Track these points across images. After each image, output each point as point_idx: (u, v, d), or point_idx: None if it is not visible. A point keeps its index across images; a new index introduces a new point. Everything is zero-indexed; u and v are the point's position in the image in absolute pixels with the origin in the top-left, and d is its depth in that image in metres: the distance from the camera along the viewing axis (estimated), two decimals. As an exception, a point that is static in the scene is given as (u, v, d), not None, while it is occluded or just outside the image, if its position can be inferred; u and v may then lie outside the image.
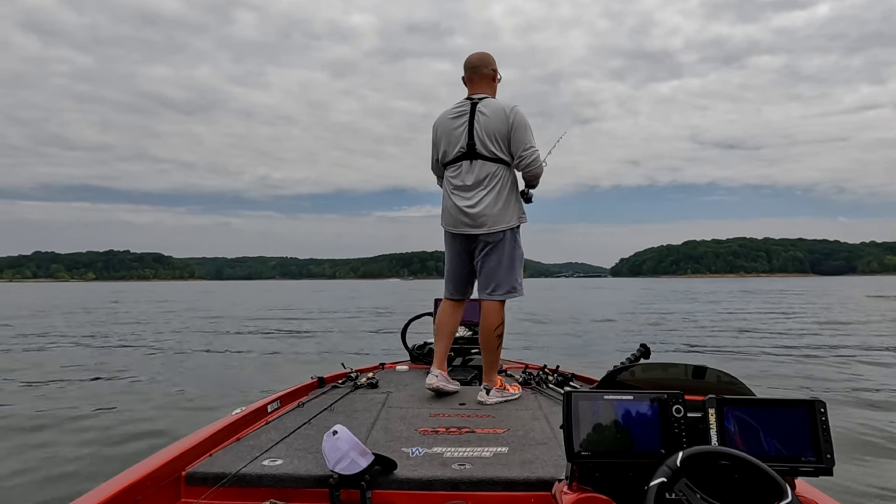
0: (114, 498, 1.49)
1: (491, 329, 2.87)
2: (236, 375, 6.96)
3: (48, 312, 20.40)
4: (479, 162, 2.84)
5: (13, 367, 7.45)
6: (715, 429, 1.34)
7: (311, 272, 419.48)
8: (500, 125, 2.80)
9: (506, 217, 2.85)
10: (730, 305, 23.26)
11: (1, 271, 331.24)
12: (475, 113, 2.84)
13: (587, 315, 18.05)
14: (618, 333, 12.37)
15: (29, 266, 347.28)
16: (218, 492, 1.69)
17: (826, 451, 1.31)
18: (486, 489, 1.68)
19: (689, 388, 1.46)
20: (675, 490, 1.18)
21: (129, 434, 4.06)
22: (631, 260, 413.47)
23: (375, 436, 2.19)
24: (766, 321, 15.05)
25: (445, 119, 2.95)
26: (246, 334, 12.07)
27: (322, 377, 3.21)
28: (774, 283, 74.72)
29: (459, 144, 2.87)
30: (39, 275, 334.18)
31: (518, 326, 12.83)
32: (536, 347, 9.51)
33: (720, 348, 9.51)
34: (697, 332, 12.33)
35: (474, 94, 2.94)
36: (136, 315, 18.60)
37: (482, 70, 2.95)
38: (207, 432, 2.03)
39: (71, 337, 11.44)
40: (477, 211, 2.83)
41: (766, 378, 6.58)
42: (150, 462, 1.71)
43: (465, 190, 2.87)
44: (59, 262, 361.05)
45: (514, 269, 2.89)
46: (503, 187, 2.85)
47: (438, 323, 3.06)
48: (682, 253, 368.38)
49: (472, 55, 2.99)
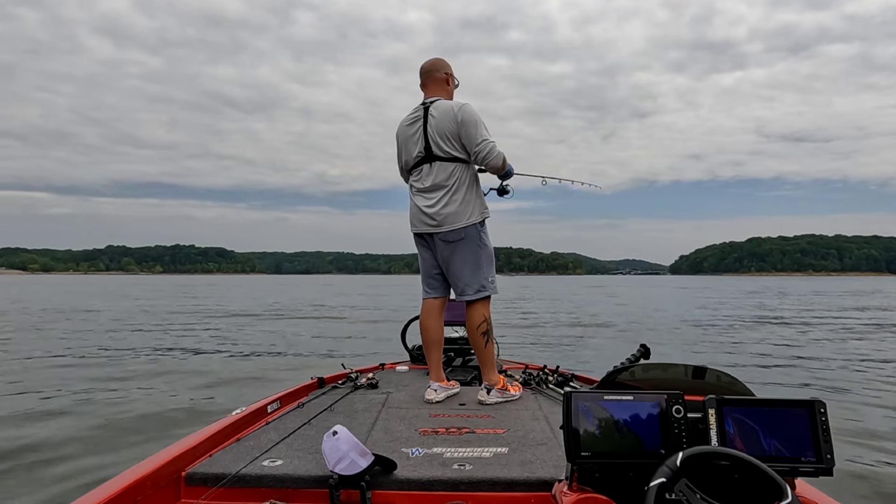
0: (114, 498, 1.49)
1: (474, 328, 2.87)
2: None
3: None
4: (437, 164, 2.88)
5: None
6: (715, 429, 1.35)
7: (366, 267, 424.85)
8: (450, 124, 2.83)
9: (465, 214, 2.86)
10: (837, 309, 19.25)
11: (77, 264, 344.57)
12: (427, 116, 2.89)
13: (656, 319, 15.13)
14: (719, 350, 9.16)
15: (102, 259, 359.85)
16: (218, 492, 1.69)
17: (826, 452, 1.31)
18: (486, 489, 1.68)
19: (688, 388, 1.46)
20: (675, 490, 1.18)
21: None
22: (691, 257, 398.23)
23: (375, 436, 2.19)
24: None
25: (403, 126, 3.01)
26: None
27: (322, 377, 3.22)
28: (850, 283, 68.24)
29: (417, 149, 2.92)
30: (112, 267, 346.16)
31: (556, 331, 12.03)
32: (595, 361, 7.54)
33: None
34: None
35: (428, 98, 2.98)
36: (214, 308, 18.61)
37: (434, 74, 3.00)
38: (207, 433, 2.03)
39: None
40: (435, 210, 2.86)
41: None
42: (150, 462, 1.71)
43: (426, 192, 2.91)
44: (130, 255, 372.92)
45: (480, 267, 2.88)
46: (461, 185, 2.87)
47: (423, 329, 3.02)
48: (746, 250, 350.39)
49: (426, 62, 3.05)
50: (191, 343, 9.94)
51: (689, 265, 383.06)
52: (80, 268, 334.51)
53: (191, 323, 13.78)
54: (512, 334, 11.35)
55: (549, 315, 16.90)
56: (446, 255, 2.90)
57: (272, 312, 17.21)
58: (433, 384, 2.88)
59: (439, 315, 3.04)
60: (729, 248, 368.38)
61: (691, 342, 10.24)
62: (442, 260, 2.94)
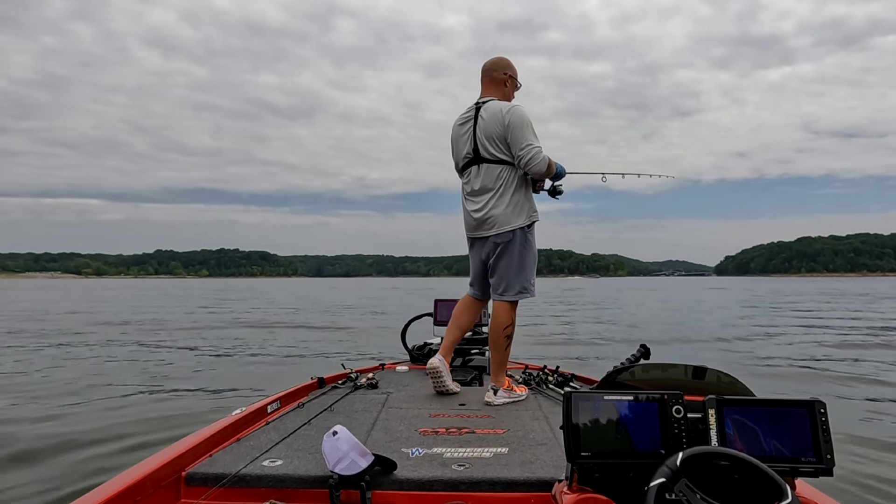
0: (114, 498, 1.49)
1: (500, 328, 2.88)
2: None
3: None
4: (484, 166, 2.87)
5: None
6: (715, 429, 1.34)
7: (406, 270, 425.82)
8: (497, 126, 2.81)
9: (514, 217, 2.86)
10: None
11: (128, 268, 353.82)
12: (477, 117, 2.87)
13: (710, 329, 12.73)
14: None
15: (151, 263, 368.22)
16: (218, 492, 1.69)
17: (826, 452, 1.31)
18: (486, 490, 1.68)
19: (688, 388, 1.46)
20: (675, 490, 1.18)
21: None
22: (738, 258, 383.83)
23: (375, 436, 2.19)
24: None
25: (455, 126, 3.00)
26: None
27: (322, 378, 3.22)
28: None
29: (466, 150, 2.92)
30: (160, 271, 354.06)
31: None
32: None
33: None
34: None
35: (483, 98, 2.96)
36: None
37: (492, 74, 2.97)
38: (207, 433, 2.03)
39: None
40: (484, 214, 2.86)
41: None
42: (150, 462, 1.71)
43: (474, 195, 2.91)
44: (178, 259, 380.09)
45: (524, 269, 2.89)
46: (508, 188, 2.86)
47: (457, 314, 3.09)
48: (796, 250, 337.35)
49: (488, 60, 3.02)
50: (190, 343, 9.94)
51: (736, 266, 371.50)
52: (131, 272, 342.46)
53: (200, 329, 13.77)
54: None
55: (562, 319, 16.44)
56: (493, 257, 2.91)
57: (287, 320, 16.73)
58: (438, 355, 2.93)
59: (475, 312, 3.13)
60: (777, 248, 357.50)
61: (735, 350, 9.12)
62: (488, 261, 2.95)
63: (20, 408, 4.95)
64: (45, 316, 17.38)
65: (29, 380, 6.43)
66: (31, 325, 13.72)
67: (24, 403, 5.12)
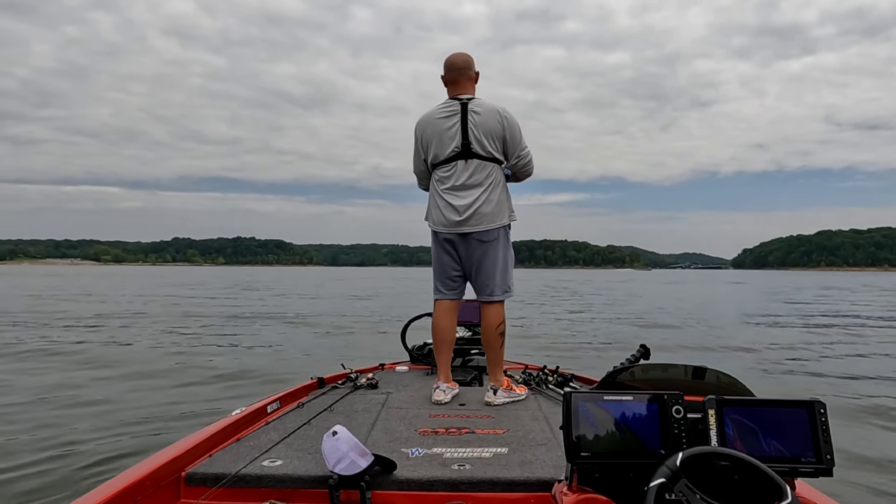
0: (114, 498, 1.49)
1: (493, 327, 2.89)
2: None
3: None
4: (474, 161, 2.86)
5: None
6: (714, 429, 1.35)
7: (420, 259, 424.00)
8: (496, 125, 2.84)
9: (499, 215, 2.88)
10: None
11: (146, 255, 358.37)
12: (468, 113, 2.86)
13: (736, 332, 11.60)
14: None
15: (168, 251, 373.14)
16: (218, 492, 1.69)
17: (826, 452, 1.31)
18: (486, 490, 1.68)
19: (688, 388, 1.46)
20: (675, 491, 1.18)
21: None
22: (756, 251, 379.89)
23: (375, 436, 2.19)
24: None
25: (433, 119, 2.94)
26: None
27: (322, 378, 3.21)
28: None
29: (454, 144, 2.88)
30: (178, 259, 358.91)
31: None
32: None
33: None
34: None
35: (459, 94, 2.95)
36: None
37: (467, 72, 2.97)
38: (207, 433, 2.03)
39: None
40: (473, 210, 2.85)
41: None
42: (150, 462, 1.71)
43: (460, 189, 2.88)
44: (195, 247, 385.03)
45: (507, 269, 2.92)
46: (496, 186, 2.89)
47: (437, 329, 3.00)
48: (815, 243, 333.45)
49: (457, 57, 2.98)
50: (191, 343, 9.93)
51: (754, 259, 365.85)
52: (149, 259, 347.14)
53: (201, 323, 13.77)
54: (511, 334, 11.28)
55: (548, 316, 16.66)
56: (477, 256, 2.89)
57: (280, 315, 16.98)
58: (441, 384, 2.86)
59: (454, 316, 3.05)
60: (796, 242, 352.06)
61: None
62: (470, 260, 2.92)
63: (20, 408, 4.95)
64: (39, 304, 17.34)
65: (29, 380, 6.42)
66: (29, 317, 13.71)
67: (25, 403, 5.12)
